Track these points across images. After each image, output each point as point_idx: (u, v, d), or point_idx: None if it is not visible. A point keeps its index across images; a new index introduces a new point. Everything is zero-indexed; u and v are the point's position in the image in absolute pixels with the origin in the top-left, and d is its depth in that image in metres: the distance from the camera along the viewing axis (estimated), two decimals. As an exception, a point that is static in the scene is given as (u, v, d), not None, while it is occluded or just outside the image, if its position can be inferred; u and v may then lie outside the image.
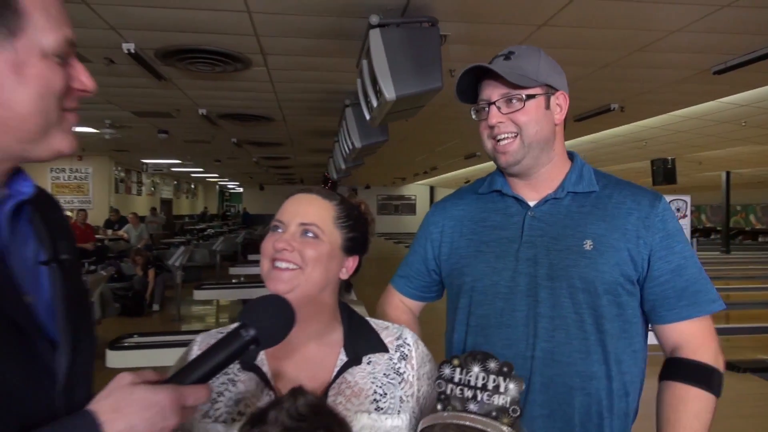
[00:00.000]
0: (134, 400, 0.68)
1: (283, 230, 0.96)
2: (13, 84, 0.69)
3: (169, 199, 21.66)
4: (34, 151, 0.73)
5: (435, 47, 3.34)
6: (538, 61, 1.22)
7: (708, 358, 1.17)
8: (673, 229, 1.20)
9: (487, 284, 1.21)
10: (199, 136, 9.15)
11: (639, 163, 12.70)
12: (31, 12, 0.69)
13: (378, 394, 0.97)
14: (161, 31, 3.92)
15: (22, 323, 0.69)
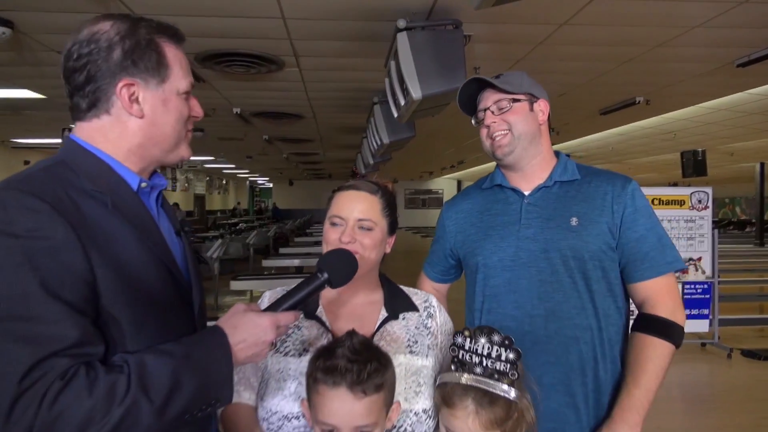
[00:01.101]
0: (246, 321, 0.97)
1: (343, 225, 1.21)
2: (162, 112, 1.03)
3: (202, 195, 22.25)
4: (169, 157, 1.07)
5: (459, 48, 3.51)
6: (522, 79, 1.50)
7: (666, 312, 1.40)
8: (640, 206, 1.44)
9: (495, 260, 1.46)
10: (233, 134, 9.48)
11: (669, 155, 12.60)
12: (173, 66, 1.04)
13: (411, 341, 1.22)
14: (201, 37, 4.18)
15: (172, 269, 1.00)
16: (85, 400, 0.81)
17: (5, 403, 0.79)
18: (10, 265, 0.83)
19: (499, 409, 1.10)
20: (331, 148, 12.42)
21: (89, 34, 0.99)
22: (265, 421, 1.15)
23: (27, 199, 0.87)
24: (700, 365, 5.44)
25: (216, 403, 0.94)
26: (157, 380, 0.86)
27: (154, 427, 0.86)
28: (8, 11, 3.61)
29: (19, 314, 0.82)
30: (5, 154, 11.76)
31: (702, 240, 5.49)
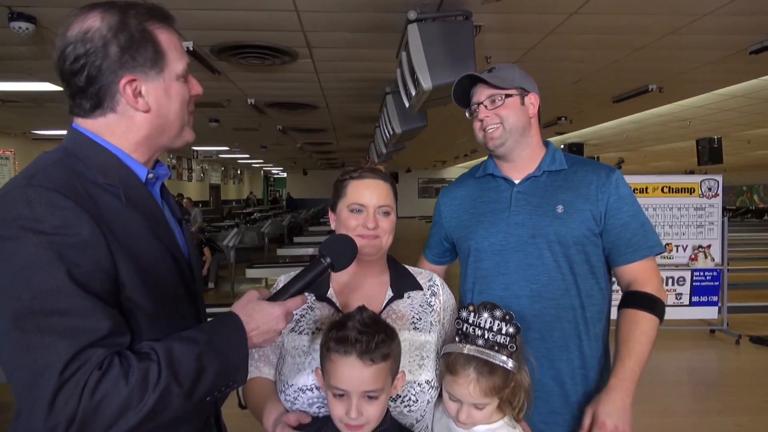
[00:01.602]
0: (259, 309, 1.03)
1: (365, 212, 1.28)
2: (166, 101, 1.03)
3: (217, 185, 22.48)
4: (174, 143, 1.09)
5: (469, 39, 3.56)
6: (514, 73, 1.57)
7: (652, 290, 1.50)
8: (624, 194, 1.53)
9: (486, 245, 1.56)
10: (247, 124, 9.60)
11: (684, 142, 12.49)
12: (168, 52, 1.03)
13: (415, 318, 1.31)
14: (217, 30, 4.28)
15: (178, 258, 1.07)
16: (123, 387, 0.85)
17: (47, 394, 0.82)
18: (42, 261, 0.85)
19: (498, 378, 1.20)
20: (344, 138, 12.50)
21: (81, 33, 0.97)
22: (282, 393, 1.24)
23: (52, 196, 0.88)
24: (708, 351, 5.48)
25: (233, 384, 1.01)
26: (185, 366, 0.90)
27: (182, 408, 0.92)
28: (32, 7, 3.73)
29: (54, 309, 0.85)
30: (26, 145, 12.00)
31: (712, 227, 5.50)
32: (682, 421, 3.85)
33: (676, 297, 5.51)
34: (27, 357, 0.84)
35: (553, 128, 10.33)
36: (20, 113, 8.42)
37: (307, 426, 1.15)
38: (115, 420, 0.85)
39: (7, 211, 0.87)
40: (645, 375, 4.51)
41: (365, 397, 1.08)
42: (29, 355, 0.84)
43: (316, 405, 1.22)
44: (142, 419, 0.87)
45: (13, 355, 0.85)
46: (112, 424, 0.85)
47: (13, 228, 0.86)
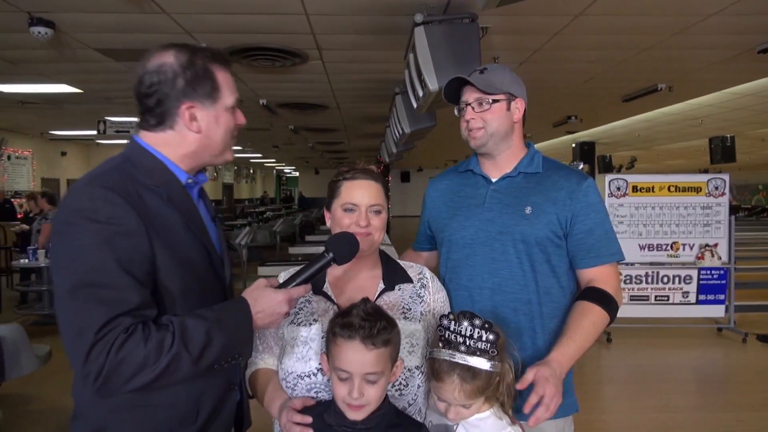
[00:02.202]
0: (265, 295, 1.19)
1: (357, 211, 1.37)
2: (214, 127, 1.25)
3: (230, 184, 22.70)
4: (215, 161, 1.31)
5: (474, 41, 3.63)
6: (504, 76, 1.63)
7: (609, 290, 1.56)
8: (593, 202, 1.60)
9: (457, 237, 1.64)
10: (259, 124, 9.72)
11: (697, 141, 12.42)
12: (223, 88, 1.25)
13: (405, 309, 1.40)
14: (230, 33, 4.39)
15: (210, 250, 1.24)
16: (141, 349, 1.05)
17: (85, 348, 1.03)
18: (95, 244, 1.07)
19: (481, 381, 1.28)
20: (355, 138, 12.59)
21: (157, 66, 1.21)
22: (283, 381, 1.34)
23: (107, 193, 1.10)
24: (714, 349, 5.50)
25: (239, 357, 1.18)
26: (195, 337, 1.09)
27: (191, 373, 1.10)
28: (50, 12, 3.86)
29: (99, 282, 1.06)
30: (44, 144, 12.24)
31: (718, 226, 5.51)
32: (683, 416, 3.89)
33: (682, 295, 5.54)
34: (74, 318, 1.06)
35: (563, 127, 10.34)
36: (38, 114, 8.62)
37: (311, 409, 1.24)
38: (134, 375, 1.05)
39: (74, 203, 1.11)
40: (649, 372, 4.60)
41: (366, 380, 1.17)
42: (75, 316, 1.06)
43: (314, 390, 1.31)
44: (157, 377, 1.06)
45: (65, 315, 1.07)
46: (131, 378, 1.05)
47: (76, 216, 1.09)
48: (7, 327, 3.50)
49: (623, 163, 17.94)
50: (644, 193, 5.59)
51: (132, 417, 1.15)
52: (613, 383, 4.67)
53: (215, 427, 1.23)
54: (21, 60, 5.20)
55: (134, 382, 1.05)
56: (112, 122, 8.83)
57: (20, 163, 11.50)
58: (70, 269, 1.07)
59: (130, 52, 4.75)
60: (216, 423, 1.23)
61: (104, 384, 1.04)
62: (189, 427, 1.18)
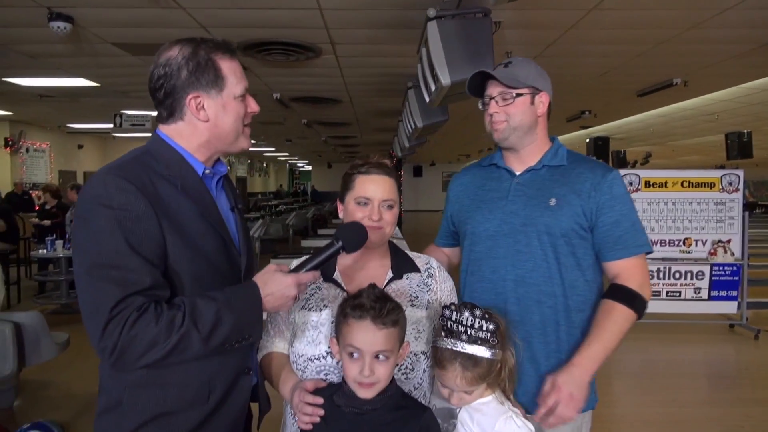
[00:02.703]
0: (274, 278, 1.24)
1: (370, 205, 1.41)
2: (223, 115, 1.29)
3: (243, 177, 22.84)
4: (230, 149, 1.35)
5: (487, 35, 3.63)
6: (529, 69, 1.63)
7: (635, 286, 1.56)
8: (618, 194, 1.59)
9: (481, 230, 1.66)
10: (273, 118, 9.78)
11: (713, 137, 12.29)
12: (228, 76, 1.29)
13: (412, 296, 1.45)
14: (244, 28, 4.44)
15: (226, 238, 1.28)
16: (153, 327, 1.10)
17: (101, 324, 1.10)
18: (108, 228, 1.14)
19: (482, 368, 1.32)
20: (368, 132, 12.62)
21: (164, 60, 1.26)
22: (294, 363, 1.39)
23: (120, 182, 1.17)
24: (726, 345, 5.48)
25: (249, 338, 1.23)
26: (205, 316, 1.14)
27: (201, 351, 1.15)
28: (69, 8, 3.93)
29: (112, 263, 1.12)
30: (62, 137, 12.43)
31: (732, 222, 5.47)
32: (692, 411, 3.90)
33: (694, 291, 5.52)
34: (90, 296, 1.13)
35: (577, 122, 10.29)
36: (56, 108, 8.75)
37: (322, 390, 1.29)
38: (145, 351, 1.11)
39: (91, 190, 1.19)
40: (660, 367, 4.60)
41: (377, 358, 1.22)
42: (92, 295, 1.13)
43: (323, 373, 1.36)
44: (167, 354, 1.12)
45: (83, 294, 1.15)
46: (143, 354, 1.11)
47: (92, 203, 1.16)
48: (27, 314, 3.59)
49: (638, 158, 17.78)
50: (657, 188, 5.56)
51: (146, 394, 1.20)
52: (623, 377, 4.67)
53: (228, 409, 1.27)
54: (40, 54, 5.29)
55: (146, 358, 1.11)
56: (128, 116, 8.95)
57: (38, 155, 11.69)
58: (86, 252, 1.15)
59: (147, 46, 4.82)
60: (229, 405, 1.27)
61: (119, 359, 1.11)
62: (201, 407, 1.23)
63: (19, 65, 5.69)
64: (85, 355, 4.88)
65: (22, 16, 4.06)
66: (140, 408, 1.20)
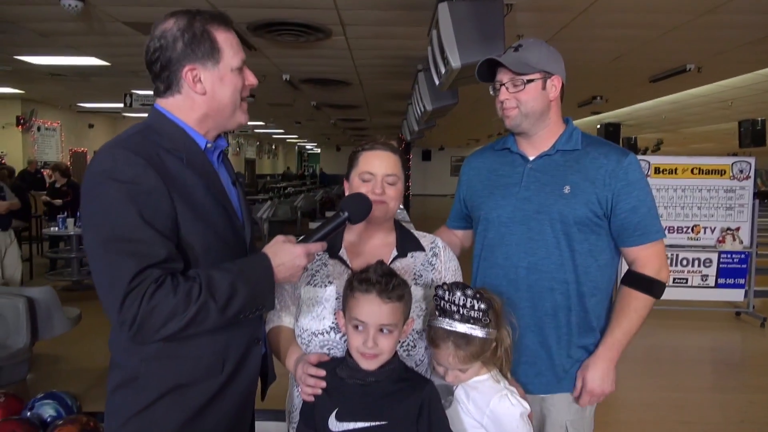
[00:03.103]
0: (284, 249, 1.26)
1: (373, 180, 1.43)
2: (219, 87, 1.28)
3: (252, 159, 22.88)
4: (229, 123, 1.34)
5: (498, 18, 3.61)
6: (540, 52, 1.60)
7: (651, 272, 1.59)
8: (634, 179, 1.59)
9: (494, 216, 1.66)
10: (282, 100, 9.78)
11: (726, 124, 12.16)
12: (224, 48, 1.27)
13: (416, 275, 1.47)
14: (253, 8, 4.43)
15: (229, 211, 1.29)
16: (171, 298, 1.11)
17: (119, 297, 1.10)
18: (119, 202, 1.13)
19: (475, 346, 1.35)
20: (377, 114, 12.59)
21: (160, 33, 1.25)
22: (299, 337, 1.43)
23: (129, 155, 1.17)
24: (732, 332, 5.49)
25: (262, 308, 1.25)
26: (220, 287, 1.15)
27: (218, 322, 1.17)
28: (81, -14, 3.94)
29: (126, 237, 1.13)
30: (72, 116, 12.49)
31: (741, 210, 5.44)
32: (695, 396, 3.93)
33: (701, 278, 5.51)
34: (107, 270, 1.13)
35: (588, 107, 10.21)
36: (67, 86, 8.79)
37: (325, 364, 1.32)
38: (165, 323, 1.12)
39: (99, 165, 1.18)
40: (664, 352, 4.61)
41: (381, 331, 1.25)
42: (108, 269, 1.13)
43: (326, 347, 1.39)
44: (186, 325, 1.13)
45: (99, 268, 1.15)
46: (162, 325, 1.12)
47: (101, 177, 1.16)
48: (39, 290, 3.66)
49: (649, 145, 17.64)
50: (666, 174, 5.53)
51: (162, 366, 1.22)
52: (626, 362, 4.63)
53: (240, 379, 1.30)
54: (51, 32, 5.31)
55: (165, 330, 1.12)
56: (138, 95, 8.98)
57: (49, 134, 11.77)
58: (99, 226, 1.15)
59: (157, 25, 4.81)
60: (241, 375, 1.30)
61: (138, 331, 1.11)
62: (215, 378, 1.25)
63: (30, 43, 5.72)
64: (97, 331, 4.97)
65: (34, -7, 4.08)
66: (157, 381, 1.21)
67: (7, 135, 10.76)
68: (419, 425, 1.25)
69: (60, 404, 2.51)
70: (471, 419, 1.38)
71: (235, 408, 1.31)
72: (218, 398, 1.26)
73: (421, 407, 1.25)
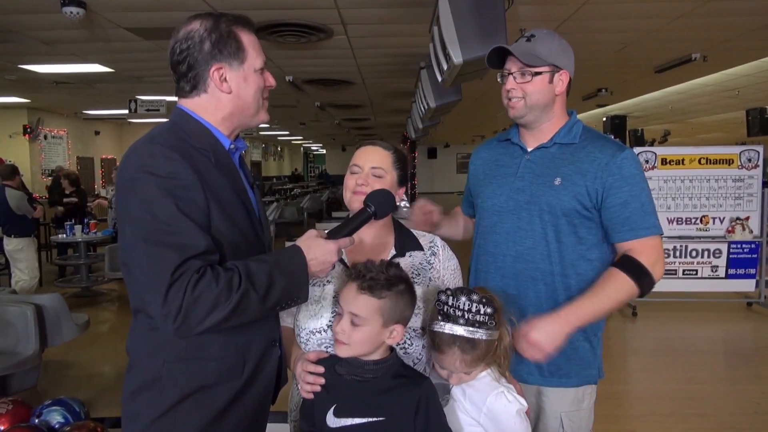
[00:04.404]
0: (318, 244, 1.27)
1: (359, 172, 1.44)
2: (244, 86, 1.30)
3: (258, 161, 22.93)
4: (251, 122, 1.37)
5: (500, 12, 3.58)
6: (551, 45, 1.60)
7: (647, 262, 1.53)
8: (628, 174, 1.57)
9: (489, 204, 1.68)
10: (286, 101, 9.78)
11: (733, 113, 12.04)
12: (248, 49, 1.30)
13: (414, 274, 1.46)
14: (255, 10, 4.42)
15: (250, 211, 1.33)
16: (214, 288, 1.12)
17: (162, 289, 1.11)
18: (159, 195, 1.15)
19: (480, 350, 1.34)
20: (381, 113, 12.57)
21: (185, 33, 1.27)
22: (297, 336, 1.44)
23: (166, 151, 1.19)
24: (744, 323, 5.44)
25: (297, 300, 1.25)
26: (259, 277, 1.17)
27: (258, 312, 1.18)
28: (82, -8, 3.95)
29: (167, 230, 1.14)
30: (78, 124, 12.56)
31: (750, 199, 5.38)
32: (708, 387, 3.90)
33: (711, 269, 5.46)
34: (149, 263, 1.14)
35: (593, 100, 10.14)
36: (72, 94, 8.84)
37: (324, 361, 1.33)
38: (209, 313, 1.12)
39: (136, 160, 1.20)
40: (676, 344, 4.60)
41: (352, 320, 1.26)
42: (150, 262, 1.14)
43: (324, 345, 1.40)
44: (229, 314, 1.14)
45: (139, 262, 1.16)
46: (206, 315, 1.12)
47: (140, 172, 1.17)
48: (48, 296, 3.67)
49: (656, 137, 17.51)
50: (673, 165, 5.48)
51: (186, 367, 1.22)
52: (638, 355, 4.67)
53: (260, 381, 1.31)
54: (54, 40, 5.33)
55: (209, 320, 1.13)
56: (143, 101, 9.01)
57: (56, 142, 11.84)
58: (139, 220, 1.16)
59: (160, 30, 4.83)
60: (261, 376, 1.31)
61: (183, 322, 1.11)
62: (236, 380, 1.26)
63: (34, 52, 5.75)
64: (106, 337, 4.99)
65: (35, 1, 4.09)
66: (180, 382, 1.22)
67: (15, 144, 10.83)
68: (416, 421, 1.24)
69: (67, 410, 2.51)
70: (468, 417, 1.37)
71: (254, 409, 1.32)
72: (239, 400, 1.27)
73: (419, 403, 1.25)
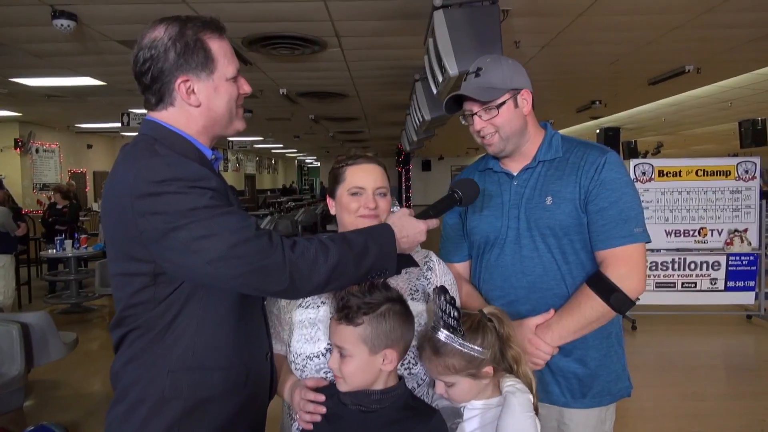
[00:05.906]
0: (408, 222, 1.30)
1: (364, 194, 1.38)
2: (215, 98, 1.22)
3: (252, 175, 22.87)
4: (226, 131, 1.29)
5: (495, 24, 3.56)
6: (502, 71, 1.53)
7: (614, 276, 1.46)
8: (607, 179, 1.49)
9: (487, 238, 1.61)
10: (280, 114, 9.75)
11: (726, 125, 12.11)
12: (218, 58, 1.22)
13: (412, 290, 1.41)
14: (247, 22, 4.38)
15: None
16: (311, 248, 1.13)
17: (264, 239, 1.10)
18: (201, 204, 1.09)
19: (453, 358, 1.25)
20: (376, 126, 12.55)
21: (149, 42, 1.18)
22: (293, 363, 1.35)
23: (177, 158, 1.14)
24: (744, 336, 5.39)
25: (386, 272, 1.23)
26: (354, 242, 1.18)
27: (353, 276, 1.18)
28: (72, 5, 3.90)
29: (222, 209, 1.12)
30: (71, 137, 12.46)
31: (748, 211, 5.35)
32: (712, 404, 3.83)
33: (710, 282, 5.42)
34: (224, 229, 1.09)
35: (587, 113, 10.16)
36: (64, 107, 8.76)
37: (324, 388, 1.25)
38: (311, 270, 1.12)
39: (149, 175, 1.10)
40: (676, 359, 4.51)
41: (340, 353, 1.21)
42: (224, 227, 1.09)
43: (323, 371, 1.31)
44: (329, 273, 1.13)
45: (234, 238, 1.09)
46: (309, 273, 1.11)
47: (164, 186, 1.09)
48: (34, 315, 3.57)
49: (649, 149, 17.59)
50: (671, 177, 5.45)
51: (189, 378, 1.15)
52: (639, 370, 4.55)
53: (259, 393, 1.27)
54: (45, 53, 5.27)
55: (313, 280, 1.12)
56: (136, 114, 8.94)
57: (48, 156, 11.73)
58: (188, 214, 1.08)
59: (151, 42, 4.78)
60: (260, 389, 1.27)
61: (292, 278, 1.09)
62: (241, 391, 1.21)
63: (25, 65, 5.68)
64: (94, 356, 4.88)
65: (26, 14, 4.04)
66: (184, 394, 1.15)
67: (6, 158, 10.72)
68: None
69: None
70: None
71: (255, 423, 1.28)
72: (241, 413, 1.21)
73: None
